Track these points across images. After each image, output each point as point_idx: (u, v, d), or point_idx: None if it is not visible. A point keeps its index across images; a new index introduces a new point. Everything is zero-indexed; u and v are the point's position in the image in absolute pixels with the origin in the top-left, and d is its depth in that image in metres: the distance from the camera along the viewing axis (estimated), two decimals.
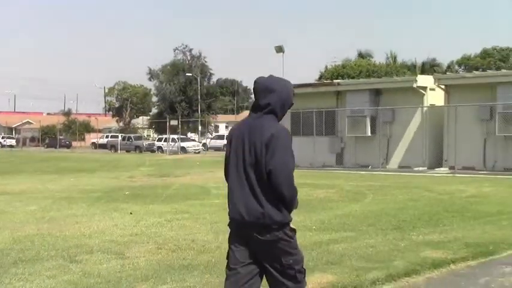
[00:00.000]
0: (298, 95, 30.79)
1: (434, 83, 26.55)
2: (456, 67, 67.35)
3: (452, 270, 6.63)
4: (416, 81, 26.91)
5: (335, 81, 33.77)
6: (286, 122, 30.91)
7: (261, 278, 3.99)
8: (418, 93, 26.76)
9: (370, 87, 28.62)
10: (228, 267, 4.00)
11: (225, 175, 4.09)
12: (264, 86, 4.01)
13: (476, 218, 11.18)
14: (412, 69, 60.08)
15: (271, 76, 4.08)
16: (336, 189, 17.04)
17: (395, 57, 64.47)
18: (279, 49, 48.82)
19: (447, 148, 25.81)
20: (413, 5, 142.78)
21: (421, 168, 26.02)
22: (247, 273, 3.93)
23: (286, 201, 3.85)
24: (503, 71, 35.34)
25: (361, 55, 63.09)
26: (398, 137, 27.50)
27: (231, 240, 4.01)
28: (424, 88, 26.87)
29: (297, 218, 11.20)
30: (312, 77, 65.83)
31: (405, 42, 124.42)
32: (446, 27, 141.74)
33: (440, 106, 26.58)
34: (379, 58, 76.36)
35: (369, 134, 27.84)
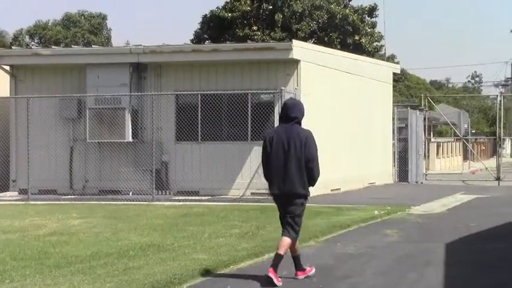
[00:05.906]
0: None
1: None
2: (27, 39, 68.71)
3: None
4: None
5: None
6: None
7: None
8: None
9: None
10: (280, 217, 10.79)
11: (266, 166, 10.55)
12: (292, 105, 10.55)
13: (62, 266, 11.46)
14: None
15: (292, 98, 13.85)
16: None
17: None
18: None
19: (16, 163, 26.03)
20: None
21: None
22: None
23: (314, 178, 10.45)
24: (95, 47, 37.06)
25: None
26: None
27: (277, 203, 10.67)
28: None
29: None
30: None
31: None
32: None
33: (5, 98, 26.71)
34: None
35: None
